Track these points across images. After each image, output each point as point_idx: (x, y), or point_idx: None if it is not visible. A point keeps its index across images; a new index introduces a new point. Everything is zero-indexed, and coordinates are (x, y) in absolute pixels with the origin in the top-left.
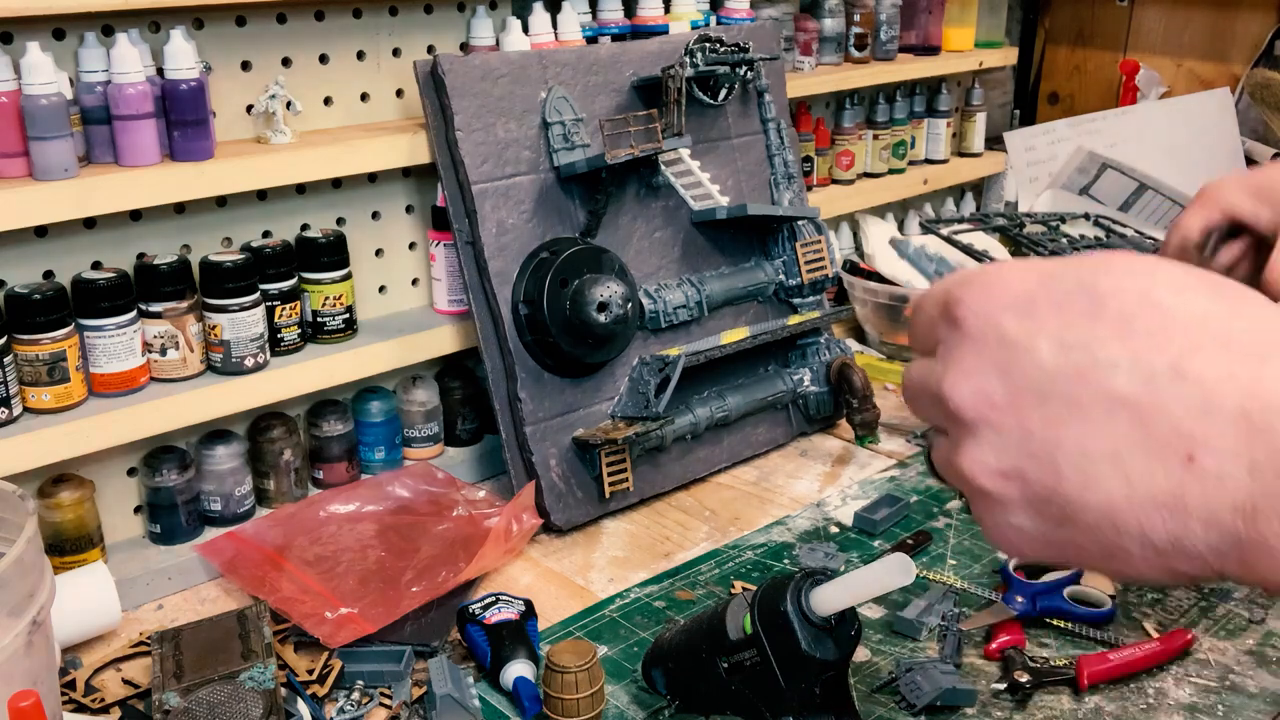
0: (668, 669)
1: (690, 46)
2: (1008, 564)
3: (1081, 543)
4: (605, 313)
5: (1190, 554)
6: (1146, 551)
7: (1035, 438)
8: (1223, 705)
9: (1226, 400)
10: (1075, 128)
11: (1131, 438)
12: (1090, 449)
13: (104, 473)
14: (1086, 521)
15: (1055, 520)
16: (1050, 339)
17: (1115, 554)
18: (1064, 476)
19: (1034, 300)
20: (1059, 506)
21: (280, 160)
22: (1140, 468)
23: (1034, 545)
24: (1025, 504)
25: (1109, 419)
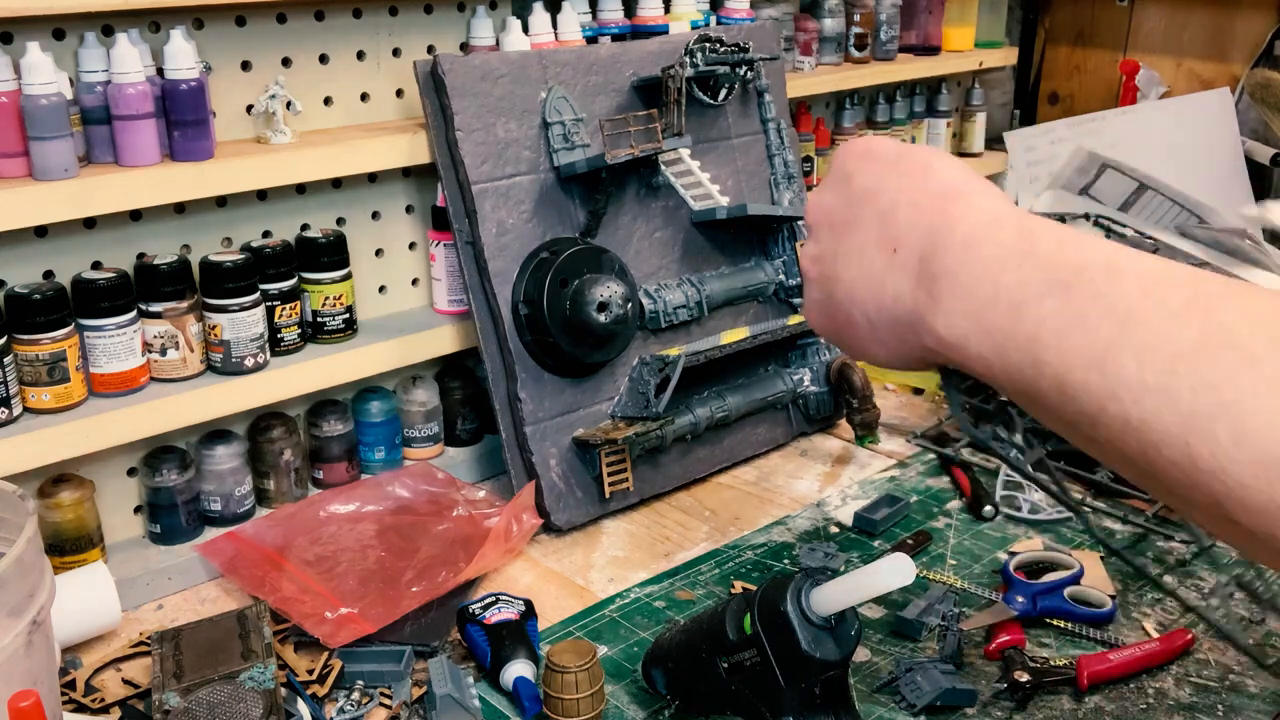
0: (668, 669)
1: (690, 46)
2: (1008, 564)
3: (834, 312)
4: (605, 313)
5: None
6: (865, 322)
7: (834, 233)
8: (1223, 705)
9: (925, 222)
10: (1075, 128)
11: (873, 235)
12: (854, 243)
13: (104, 473)
14: (838, 295)
15: (828, 293)
16: (866, 175)
17: (851, 323)
18: (837, 260)
19: (872, 153)
20: (830, 281)
21: (280, 160)
22: (870, 257)
23: (817, 314)
24: (818, 281)
25: (867, 224)
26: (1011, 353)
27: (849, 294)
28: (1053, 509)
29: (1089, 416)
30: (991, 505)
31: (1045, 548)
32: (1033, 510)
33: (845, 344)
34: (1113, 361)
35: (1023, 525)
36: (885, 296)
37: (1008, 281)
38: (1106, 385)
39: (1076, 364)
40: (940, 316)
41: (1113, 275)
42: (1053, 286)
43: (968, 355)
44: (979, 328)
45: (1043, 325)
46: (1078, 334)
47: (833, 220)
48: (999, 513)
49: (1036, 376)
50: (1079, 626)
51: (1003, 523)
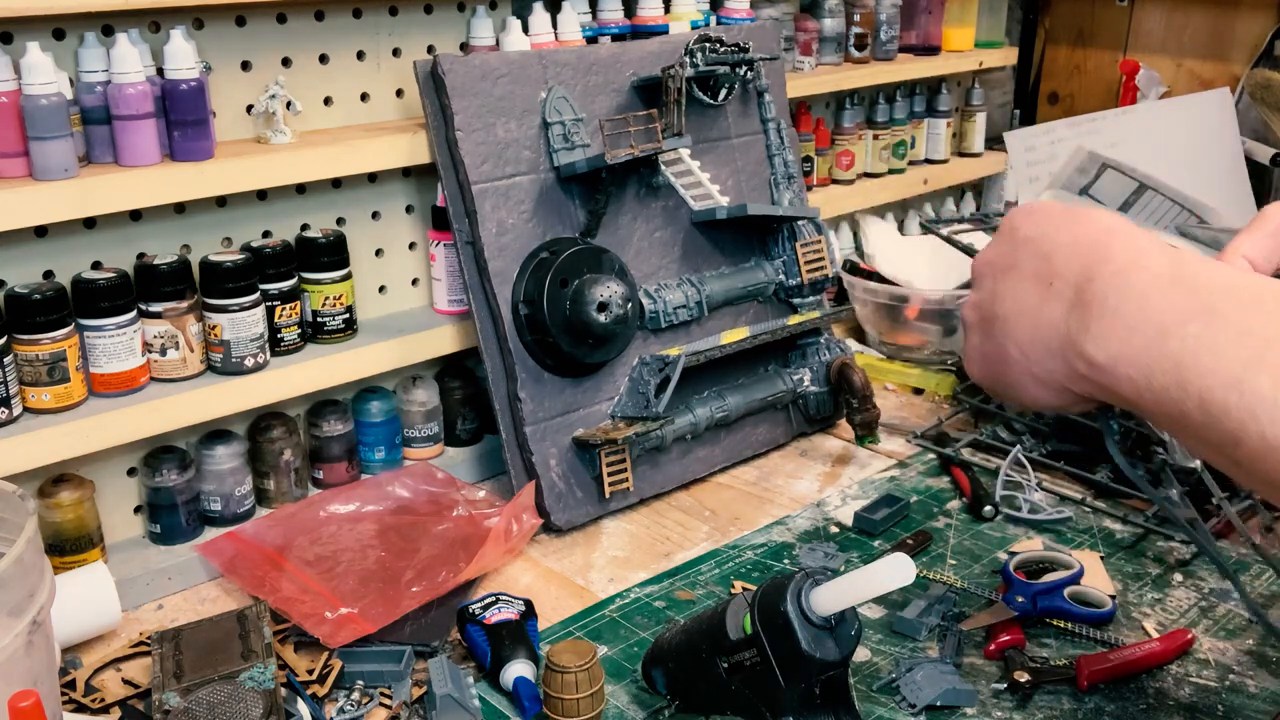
0: (668, 669)
1: (690, 46)
2: (1008, 564)
3: (991, 351)
4: (605, 313)
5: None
6: (1020, 354)
7: (997, 280)
8: (1223, 705)
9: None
10: (1075, 128)
11: (1032, 274)
12: (1013, 282)
13: (104, 473)
14: (995, 332)
15: (986, 334)
16: (1030, 227)
17: (1005, 358)
18: (996, 299)
19: (1039, 210)
20: (988, 323)
21: (280, 160)
22: (1027, 291)
23: (976, 358)
24: (977, 326)
25: (1027, 265)
26: (1158, 375)
27: (1004, 329)
28: (1053, 509)
29: (1232, 437)
30: (991, 505)
31: (1045, 547)
32: (1033, 510)
33: (1000, 383)
34: (1249, 381)
35: (1023, 525)
36: (1040, 326)
37: (1155, 306)
38: (1245, 404)
39: (1217, 384)
40: (1090, 339)
41: (1256, 301)
42: (1196, 312)
43: (1117, 377)
44: (1128, 350)
45: (1185, 348)
46: (1218, 356)
47: (995, 268)
48: (999, 513)
49: (1182, 398)
50: (1079, 626)
51: (1003, 523)
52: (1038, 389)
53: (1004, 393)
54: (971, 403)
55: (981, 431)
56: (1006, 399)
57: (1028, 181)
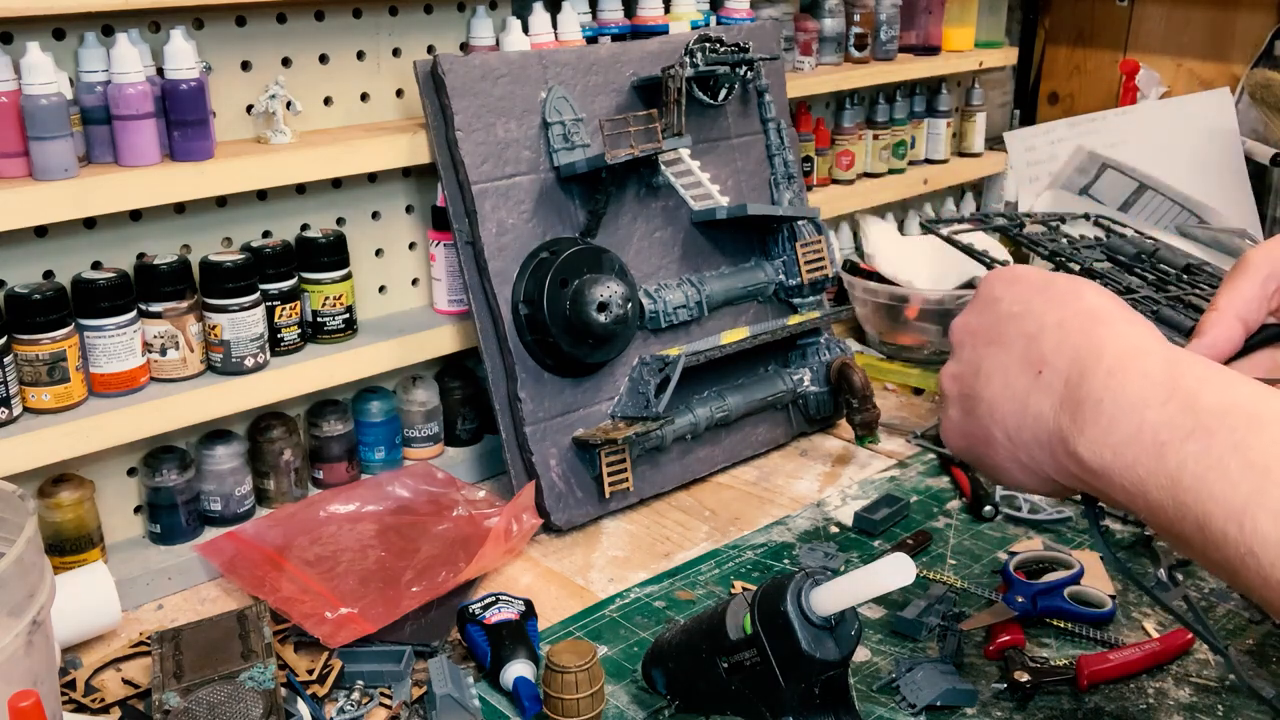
0: (668, 669)
1: (690, 46)
2: (1008, 564)
3: (974, 430)
4: (605, 313)
5: (1029, 442)
6: (1005, 439)
7: (976, 352)
8: (1222, 705)
9: (1071, 344)
10: (1075, 128)
11: (1017, 355)
12: (997, 362)
13: (104, 473)
14: (979, 412)
15: (968, 411)
16: (1013, 299)
17: (990, 440)
18: (978, 378)
19: (1020, 280)
20: (971, 400)
21: (280, 160)
22: (1014, 375)
23: (956, 433)
24: (958, 399)
25: (1012, 344)
26: (1153, 490)
27: (990, 411)
28: (1053, 509)
29: (1230, 565)
30: (991, 505)
31: (1045, 547)
32: (1033, 510)
33: (983, 463)
34: (1250, 518)
35: (1023, 525)
36: (1027, 416)
37: (1152, 419)
38: (1244, 540)
39: (1215, 512)
40: (1084, 443)
41: (1255, 425)
42: (1195, 429)
43: (1110, 485)
44: (1122, 460)
45: (1184, 469)
46: (1217, 482)
47: (977, 340)
48: (999, 513)
49: (1179, 518)
50: (1079, 626)
51: (1003, 523)
52: (1024, 476)
53: (987, 472)
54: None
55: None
56: (989, 478)
57: (1028, 181)
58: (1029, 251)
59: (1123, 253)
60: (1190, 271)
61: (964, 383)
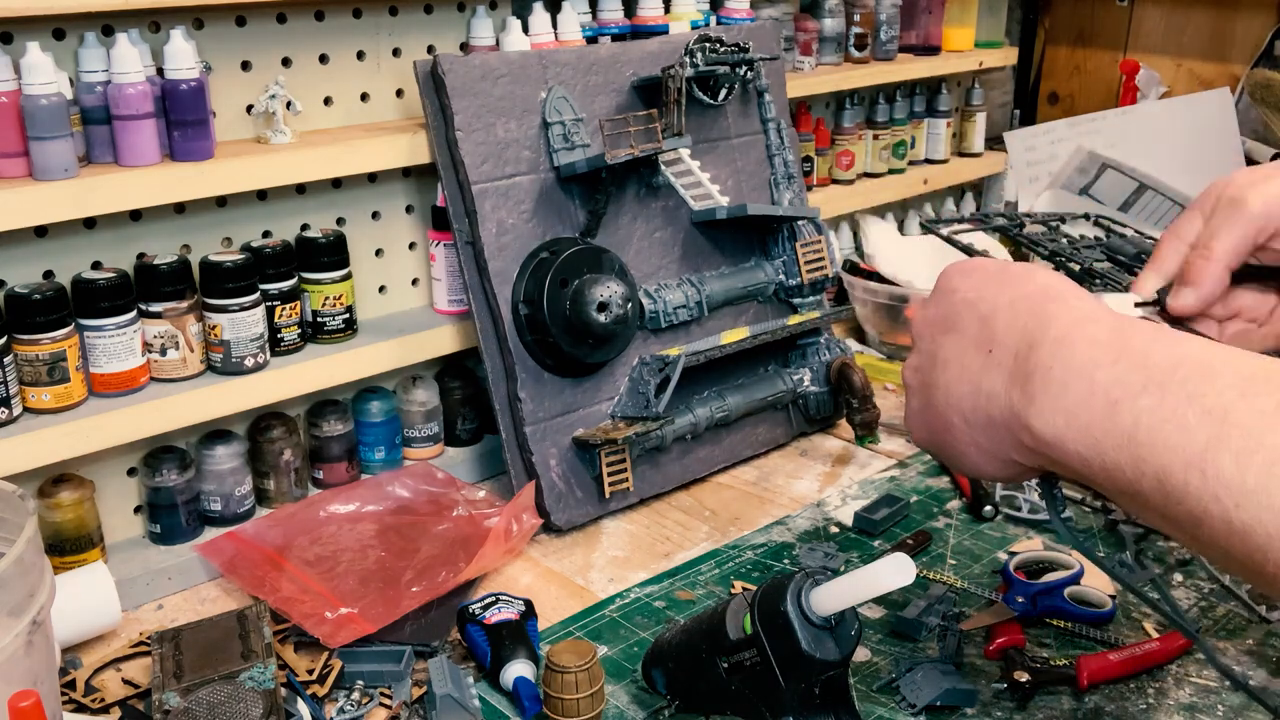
0: (668, 669)
1: (690, 46)
2: (1008, 564)
3: (932, 419)
4: (605, 313)
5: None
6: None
7: (935, 341)
8: (1223, 705)
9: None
10: (1075, 128)
11: (971, 338)
12: (953, 348)
13: (104, 473)
14: (936, 400)
15: (926, 400)
16: (968, 287)
17: (949, 427)
18: (936, 365)
19: (976, 269)
20: (929, 389)
21: (280, 160)
22: (968, 358)
23: (917, 423)
24: (918, 390)
25: (967, 328)
26: (1109, 450)
27: (946, 397)
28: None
29: (1193, 517)
30: (991, 505)
31: (1045, 547)
32: (1033, 510)
33: (944, 452)
34: (1211, 463)
35: (1023, 525)
36: (980, 395)
37: (1102, 378)
38: (1207, 487)
39: (1175, 464)
40: (1035, 413)
41: (1207, 374)
42: (1148, 384)
43: (1065, 453)
44: (1075, 424)
45: (1139, 423)
46: (1175, 433)
47: (934, 329)
48: (999, 513)
49: (1137, 476)
50: (1079, 626)
51: (1002, 523)
52: (983, 459)
53: (947, 459)
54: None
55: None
56: (950, 465)
57: (1028, 181)
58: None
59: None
60: None
61: (923, 373)
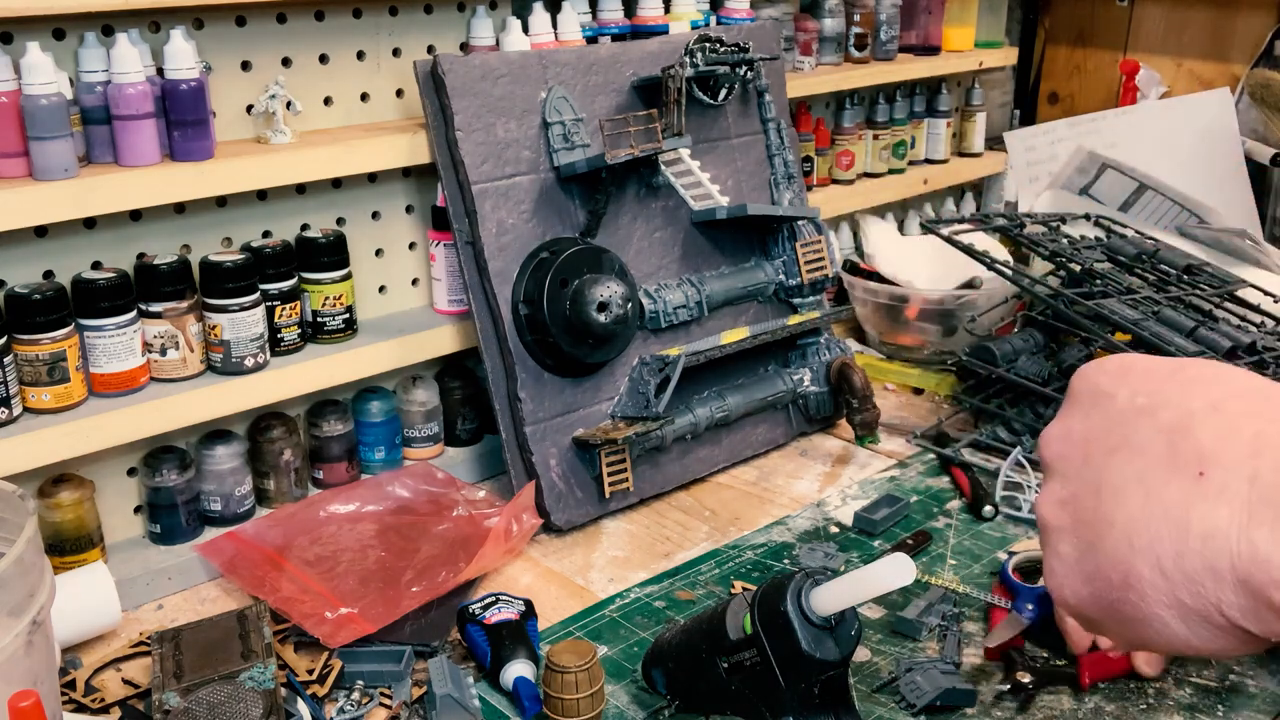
0: (668, 669)
1: (690, 46)
2: (1006, 565)
3: (1103, 570)
4: (605, 313)
5: (1197, 573)
6: (1157, 575)
7: (1092, 465)
8: (1223, 705)
9: (1245, 429)
10: (1075, 128)
11: (1159, 457)
12: (1128, 470)
13: (104, 473)
14: (1107, 544)
15: (1090, 544)
16: (1129, 390)
17: (1131, 580)
18: (1102, 496)
19: (1131, 367)
20: (1093, 527)
21: (280, 160)
22: (1159, 481)
23: (1075, 576)
24: (1072, 528)
25: (1148, 445)
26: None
27: (1130, 539)
28: None
29: None
30: (991, 505)
31: None
32: (1032, 510)
33: (1121, 614)
34: None
35: (1023, 525)
36: (1192, 537)
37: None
38: None
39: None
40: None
41: None
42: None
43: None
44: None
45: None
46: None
47: (1089, 450)
48: (999, 513)
49: None
50: None
51: (1002, 523)
52: (1188, 625)
53: (1119, 627)
54: (972, 402)
55: (981, 431)
56: (1123, 636)
57: (1028, 181)
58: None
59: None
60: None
61: (1080, 507)
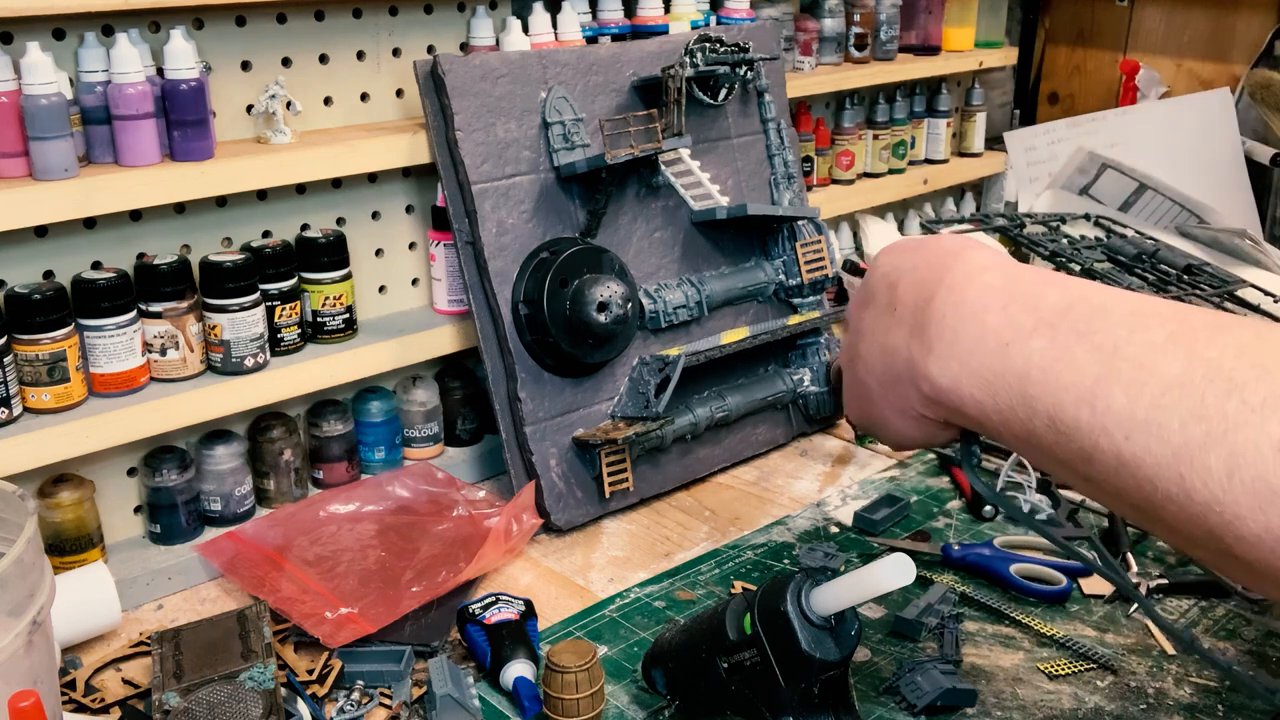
0: (668, 669)
1: (690, 46)
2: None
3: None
4: (605, 313)
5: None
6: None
7: (858, 318)
8: (1223, 705)
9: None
10: (1075, 128)
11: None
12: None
13: (104, 473)
14: (858, 370)
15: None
16: (886, 262)
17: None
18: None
19: (897, 246)
20: (854, 361)
21: (280, 160)
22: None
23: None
24: (848, 364)
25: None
26: (1002, 392)
27: (865, 365)
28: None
29: (1084, 453)
30: (991, 505)
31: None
32: (1032, 511)
33: (870, 422)
34: (1102, 396)
35: (1023, 525)
36: (886, 354)
37: (994, 322)
38: (1097, 420)
39: (1067, 400)
40: (933, 361)
41: (1097, 313)
42: (1039, 325)
43: (961, 399)
44: (969, 369)
45: (1031, 363)
46: (1066, 370)
47: (857, 306)
48: (999, 513)
49: (1030, 416)
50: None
51: (1002, 523)
52: (899, 421)
53: (874, 431)
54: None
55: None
56: (881, 438)
57: (1028, 181)
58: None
59: (1123, 253)
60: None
61: (850, 350)
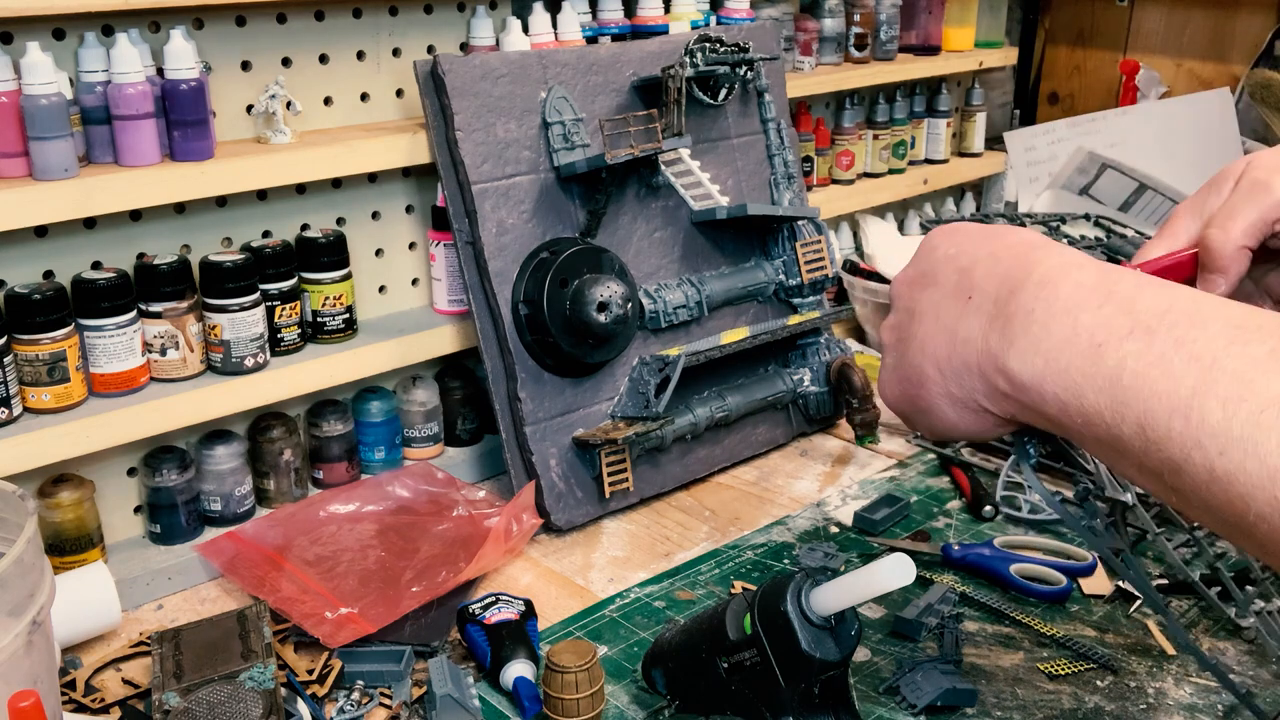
0: (668, 669)
1: (690, 46)
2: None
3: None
4: (605, 313)
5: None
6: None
7: (913, 298)
8: (1223, 705)
9: (1005, 269)
10: (1075, 128)
11: (949, 289)
12: (929, 301)
13: (104, 473)
14: (911, 353)
15: (901, 354)
16: (949, 244)
17: (922, 379)
18: (913, 319)
19: (959, 229)
20: (905, 342)
21: (280, 160)
22: (945, 306)
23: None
24: (893, 346)
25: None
26: (1090, 394)
27: (921, 347)
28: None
29: (1173, 465)
30: (991, 505)
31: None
32: (1033, 510)
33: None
34: (1197, 408)
35: (1022, 525)
36: (957, 342)
37: (1087, 321)
38: (1190, 432)
39: (1159, 409)
40: (1014, 355)
41: (1197, 321)
42: (1134, 329)
43: (1042, 397)
44: (1055, 367)
45: (1124, 367)
46: (1161, 378)
47: (913, 287)
48: (999, 513)
49: (1118, 421)
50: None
51: (1002, 523)
52: (954, 411)
53: (918, 418)
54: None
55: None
56: (921, 425)
57: (1028, 181)
58: None
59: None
60: None
61: (899, 329)
